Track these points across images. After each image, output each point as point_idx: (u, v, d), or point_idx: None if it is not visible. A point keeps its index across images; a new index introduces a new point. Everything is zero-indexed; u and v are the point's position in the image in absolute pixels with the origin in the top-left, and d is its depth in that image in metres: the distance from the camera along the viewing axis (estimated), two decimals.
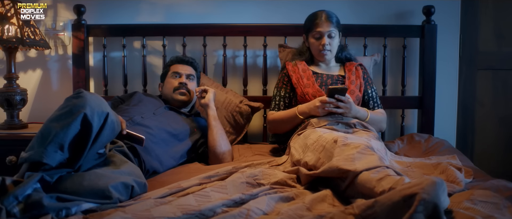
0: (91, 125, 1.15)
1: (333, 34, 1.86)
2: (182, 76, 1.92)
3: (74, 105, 1.16)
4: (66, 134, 1.11)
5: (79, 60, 2.26)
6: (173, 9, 2.38)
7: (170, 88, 1.91)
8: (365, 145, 1.26)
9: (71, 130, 1.12)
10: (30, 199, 0.99)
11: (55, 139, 1.10)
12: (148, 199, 1.14)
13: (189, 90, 1.90)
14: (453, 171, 1.36)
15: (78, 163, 1.15)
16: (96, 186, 1.09)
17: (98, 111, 1.18)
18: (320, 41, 1.86)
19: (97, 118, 1.17)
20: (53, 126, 1.13)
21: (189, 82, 1.92)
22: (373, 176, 1.09)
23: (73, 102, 1.18)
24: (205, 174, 1.37)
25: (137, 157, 1.48)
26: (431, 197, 0.87)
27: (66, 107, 1.17)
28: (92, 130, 1.15)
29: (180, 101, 1.89)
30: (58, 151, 1.10)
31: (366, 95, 1.93)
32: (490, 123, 2.49)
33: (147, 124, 1.63)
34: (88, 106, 1.16)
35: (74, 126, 1.13)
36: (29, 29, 2.06)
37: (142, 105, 1.78)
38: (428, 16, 2.25)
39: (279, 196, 1.16)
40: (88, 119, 1.14)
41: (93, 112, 1.16)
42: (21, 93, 2.11)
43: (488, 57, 2.45)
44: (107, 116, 1.20)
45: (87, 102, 1.17)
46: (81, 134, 1.15)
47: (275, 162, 1.61)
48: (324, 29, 1.84)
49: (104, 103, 1.24)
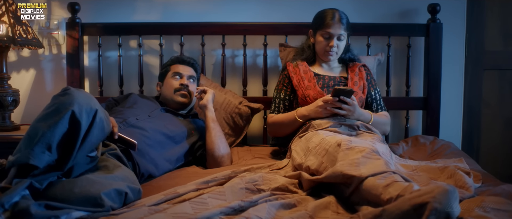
0: (80, 122, 1.12)
1: (342, 37, 1.83)
2: (184, 77, 1.89)
3: (61, 103, 1.13)
4: (54, 134, 1.08)
5: (74, 59, 2.23)
6: (171, 7, 2.36)
7: (170, 89, 1.87)
8: (370, 149, 1.23)
9: (58, 129, 1.09)
10: (17, 207, 0.96)
11: (42, 139, 1.07)
12: (141, 207, 1.11)
13: (190, 92, 1.87)
14: (462, 175, 1.33)
15: (67, 165, 1.12)
16: (88, 193, 1.06)
17: (87, 108, 1.15)
18: (328, 42, 1.83)
19: (85, 115, 1.14)
20: (40, 126, 1.10)
21: (190, 84, 1.89)
22: (379, 182, 1.06)
23: (60, 100, 1.14)
24: (203, 179, 1.35)
25: (131, 161, 1.45)
26: (443, 206, 0.85)
27: (52, 106, 1.14)
28: (81, 128, 1.12)
29: (180, 103, 1.86)
30: (46, 152, 1.07)
31: (369, 97, 1.90)
32: (496, 124, 2.47)
33: (142, 126, 1.60)
34: (76, 103, 1.13)
35: (62, 125, 1.10)
36: (21, 27, 2.03)
37: (137, 107, 1.75)
38: (433, 14, 2.23)
39: (280, 203, 1.14)
40: (76, 117, 1.11)
41: (81, 109, 1.13)
42: (13, 94, 2.08)
43: (494, 57, 2.43)
44: (96, 113, 1.17)
45: (75, 99, 1.13)
46: (70, 133, 1.11)
47: (275, 166, 1.59)
48: (335, 31, 1.80)
49: (93, 100, 1.21)
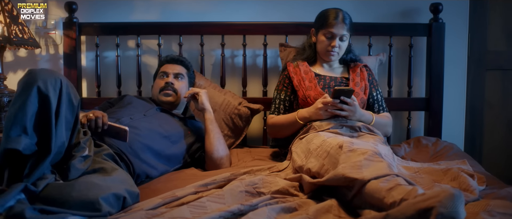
0: (48, 96, 1.10)
1: (345, 38, 1.82)
2: (169, 75, 1.88)
3: (25, 83, 1.12)
4: (25, 113, 1.07)
5: (71, 60, 2.22)
6: (169, 7, 2.34)
7: (156, 89, 1.87)
8: (373, 151, 1.21)
9: (28, 107, 1.08)
10: (11, 211, 0.95)
11: (15, 121, 1.06)
12: (139, 211, 1.10)
13: (175, 90, 1.85)
14: (466, 178, 1.32)
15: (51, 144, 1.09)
16: (86, 197, 1.05)
17: (51, 80, 1.13)
18: (330, 42, 1.81)
19: (51, 88, 1.12)
20: (11, 112, 1.09)
21: (176, 82, 1.87)
22: (382, 185, 1.04)
23: (24, 81, 1.13)
24: (202, 182, 1.33)
25: (124, 162, 1.44)
26: (449, 211, 0.84)
27: (18, 89, 1.13)
28: (51, 101, 1.10)
29: (166, 102, 1.84)
30: (22, 134, 1.05)
31: (371, 98, 1.89)
32: (499, 125, 2.46)
33: (136, 126, 1.58)
34: (40, 79, 1.11)
35: (31, 103, 1.08)
36: (17, 27, 2.00)
37: (132, 107, 1.73)
38: (435, 14, 2.22)
39: (281, 206, 1.12)
40: (43, 91, 1.10)
41: (46, 83, 1.11)
42: (9, 95, 2.05)
43: (497, 57, 2.41)
44: (61, 84, 1.15)
45: (38, 75, 1.12)
46: (41, 111, 1.10)
47: (275, 168, 1.58)
48: (337, 31, 1.78)
49: (56, 72, 1.19)
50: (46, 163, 1.09)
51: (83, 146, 1.23)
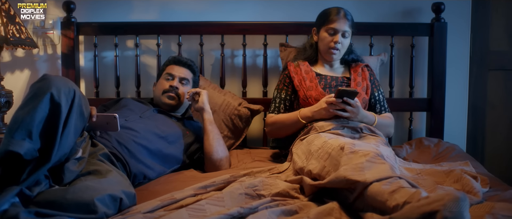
0: (59, 105, 1.10)
1: (347, 34, 1.81)
2: (175, 79, 1.85)
3: (39, 88, 1.12)
4: (33, 118, 1.07)
5: (69, 60, 2.21)
6: (168, 6, 2.33)
7: (160, 90, 1.85)
8: (375, 153, 1.20)
9: (38, 113, 1.07)
10: (5, 214, 0.94)
11: (22, 125, 1.06)
12: (136, 214, 1.08)
13: (178, 94, 1.84)
14: (469, 180, 1.31)
15: (53, 153, 1.08)
16: (81, 199, 1.04)
17: (65, 90, 1.14)
18: (332, 37, 1.80)
19: (64, 97, 1.12)
20: (19, 114, 1.08)
21: (181, 86, 1.85)
22: (384, 187, 1.02)
23: (37, 86, 1.13)
24: (201, 184, 1.32)
25: (120, 161, 1.43)
26: (454, 215, 0.82)
27: (30, 92, 1.13)
28: (61, 111, 1.10)
29: (167, 105, 1.83)
30: (26, 139, 1.05)
31: (372, 98, 1.88)
32: (501, 126, 2.44)
33: (131, 127, 1.57)
34: (54, 86, 1.12)
35: (41, 109, 1.08)
36: (14, 27, 1.99)
37: (127, 109, 1.72)
38: (437, 13, 2.21)
39: (281, 209, 1.11)
40: (55, 99, 1.10)
41: (59, 91, 1.12)
42: (6, 95, 2.04)
43: (499, 57, 2.40)
44: (74, 94, 1.16)
45: (52, 82, 1.13)
46: (50, 118, 1.10)
47: (276, 170, 1.57)
48: (340, 27, 1.78)
49: (71, 82, 1.20)
50: (44, 170, 1.08)
51: (76, 148, 1.22)
